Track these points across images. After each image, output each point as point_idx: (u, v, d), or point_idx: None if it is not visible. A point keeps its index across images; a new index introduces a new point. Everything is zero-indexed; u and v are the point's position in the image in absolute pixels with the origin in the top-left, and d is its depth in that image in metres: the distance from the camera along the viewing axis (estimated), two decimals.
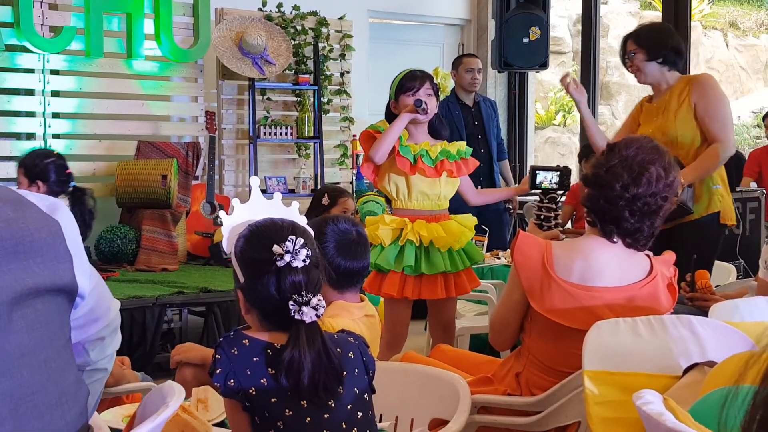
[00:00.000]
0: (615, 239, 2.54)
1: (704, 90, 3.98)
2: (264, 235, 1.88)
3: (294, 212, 2.04)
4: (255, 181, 2.14)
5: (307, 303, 1.82)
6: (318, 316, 1.84)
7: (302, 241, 1.84)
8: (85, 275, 1.32)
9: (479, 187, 6.46)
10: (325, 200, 4.62)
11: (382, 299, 3.84)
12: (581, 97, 4.17)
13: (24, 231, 1.19)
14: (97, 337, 1.36)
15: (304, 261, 1.83)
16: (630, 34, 4.21)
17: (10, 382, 1.12)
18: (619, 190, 2.48)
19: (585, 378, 2.16)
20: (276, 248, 1.83)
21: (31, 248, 1.20)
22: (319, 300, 1.84)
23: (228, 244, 1.95)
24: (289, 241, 1.83)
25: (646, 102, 4.23)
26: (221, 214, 2.05)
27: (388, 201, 4.01)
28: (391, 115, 3.84)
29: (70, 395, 1.22)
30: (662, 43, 4.04)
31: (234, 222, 1.97)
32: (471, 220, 3.86)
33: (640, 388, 1.74)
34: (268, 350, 1.83)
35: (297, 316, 1.82)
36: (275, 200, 2.05)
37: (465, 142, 3.95)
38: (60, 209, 1.31)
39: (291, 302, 1.82)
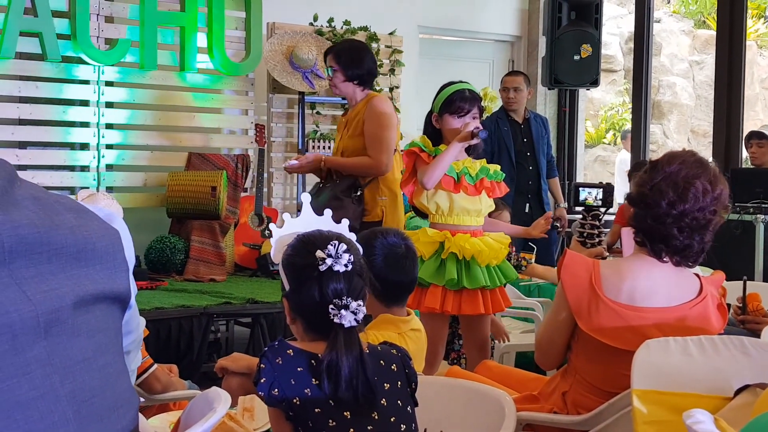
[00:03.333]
0: (665, 258, 2.51)
1: (371, 112, 4.27)
2: (309, 242, 1.91)
3: (343, 228, 2.07)
4: (306, 198, 2.19)
5: (346, 307, 1.84)
6: (357, 321, 1.85)
7: (345, 246, 1.87)
8: (134, 285, 1.34)
9: (527, 204, 6.46)
10: None
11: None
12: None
13: (87, 239, 1.22)
14: (125, 350, 1.38)
15: (345, 266, 1.85)
16: (331, 49, 4.47)
17: (73, 385, 1.15)
18: (666, 207, 2.44)
19: (634, 397, 2.13)
20: (319, 253, 1.86)
21: (92, 255, 1.22)
22: (359, 305, 1.85)
23: (276, 254, 1.99)
24: (332, 245, 1.86)
25: (342, 116, 4.59)
26: (271, 226, 2.09)
27: (422, 216, 3.97)
28: (431, 128, 3.82)
29: (125, 400, 1.24)
30: (360, 65, 4.34)
31: (283, 233, 2.01)
32: (505, 237, 3.83)
33: (690, 408, 1.71)
34: (312, 360, 1.84)
35: (336, 320, 1.84)
36: (325, 216, 2.09)
37: (499, 166, 3.94)
38: (117, 219, 1.34)
39: (331, 306, 1.84)
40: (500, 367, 3.20)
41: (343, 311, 1.84)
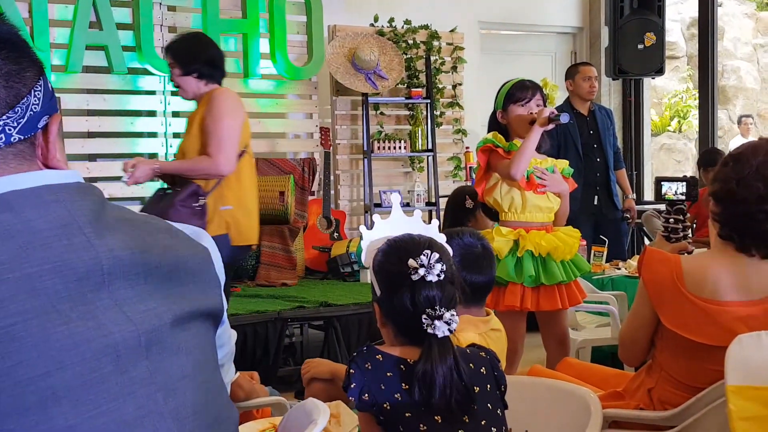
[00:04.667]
0: (753, 253, 2.45)
1: (210, 105, 3.85)
2: (401, 249, 1.90)
3: (433, 229, 2.07)
4: (396, 198, 2.18)
5: (440, 317, 1.83)
6: (450, 331, 1.84)
7: (437, 256, 1.86)
8: (225, 301, 1.36)
9: (596, 196, 6.38)
10: (469, 203, 4.28)
11: None
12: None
13: (179, 258, 1.24)
14: (220, 364, 1.40)
15: (438, 276, 1.84)
16: (167, 46, 4.10)
17: (176, 403, 1.16)
18: (757, 202, 2.39)
19: (728, 393, 2.09)
20: (411, 262, 1.85)
21: (185, 274, 1.24)
22: (452, 315, 1.84)
23: (366, 258, 2.00)
24: (424, 255, 1.85)
25: (189, 115, 4.16)
26: (361, 228, 2.09)
27: (490, 215, 3.94)
28: (498, 125, 3.81)
29: (224, 417, 1.26)
30: (194, 57, 3.93)
31: (373, 236, 2.02)
32: (575, 231, 3.81)
33: None
34: (402, 366, 1.84)
35: (429, 330, 1.83)
36: (415, 217, 2.09)
37: (567, 162, 3.92)
38: (204, 236, 1.36)
39: (424, 316, 1.83)
40: (581, 364, 3.18)
41: (436, 322, 1.83)
